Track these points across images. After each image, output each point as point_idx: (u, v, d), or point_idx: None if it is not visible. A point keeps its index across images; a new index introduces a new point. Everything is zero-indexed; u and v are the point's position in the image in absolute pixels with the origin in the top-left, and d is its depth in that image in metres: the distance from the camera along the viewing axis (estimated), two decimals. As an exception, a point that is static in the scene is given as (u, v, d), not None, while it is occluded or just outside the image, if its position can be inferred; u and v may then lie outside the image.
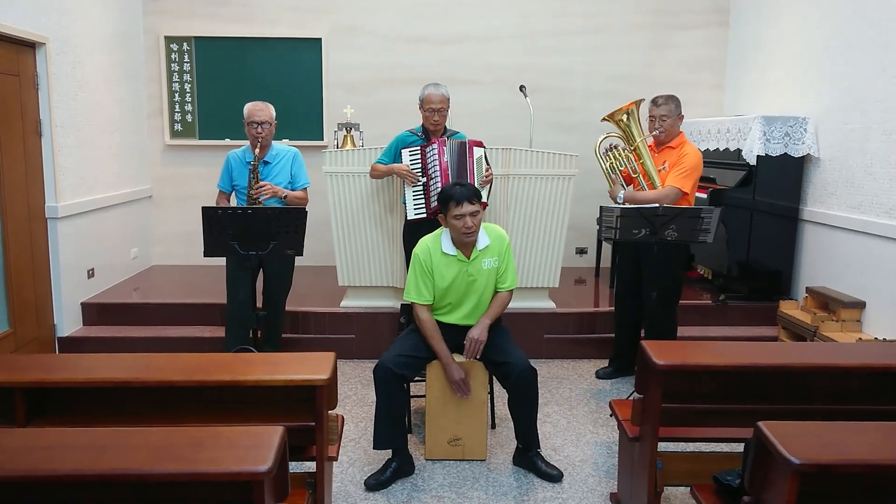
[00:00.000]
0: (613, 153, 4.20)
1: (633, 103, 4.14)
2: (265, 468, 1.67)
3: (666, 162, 4.12)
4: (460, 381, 3.28)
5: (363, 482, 3.19)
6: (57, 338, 4.72)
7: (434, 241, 3.33)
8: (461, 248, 3.29)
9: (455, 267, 3.29)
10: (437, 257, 3.29)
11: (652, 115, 4.14)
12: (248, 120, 4.03)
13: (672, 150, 4.12)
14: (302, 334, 4.87)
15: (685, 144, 4.13)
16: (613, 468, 3.34)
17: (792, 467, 1.73)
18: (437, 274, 3.29)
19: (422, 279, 3.30)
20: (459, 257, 3.29)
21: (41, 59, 4.44)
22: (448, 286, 3.30)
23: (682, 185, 4.01)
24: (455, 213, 3.17)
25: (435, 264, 3.29)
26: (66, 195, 4.71)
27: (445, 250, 3.29)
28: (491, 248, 3.33)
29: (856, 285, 4.51)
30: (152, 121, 6.18)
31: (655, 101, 4.15)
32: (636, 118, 4.12)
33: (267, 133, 4.05)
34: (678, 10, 6.26)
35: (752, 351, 2.59)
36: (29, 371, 2.34)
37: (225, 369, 2.38)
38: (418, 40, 6.20)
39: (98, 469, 1.65)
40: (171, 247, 6.34)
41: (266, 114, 4.05)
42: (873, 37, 4.39)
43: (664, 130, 4.10)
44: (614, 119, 4.16)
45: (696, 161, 4.06)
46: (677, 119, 4.11)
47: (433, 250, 3.30)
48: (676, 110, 4.10)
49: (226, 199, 4.22)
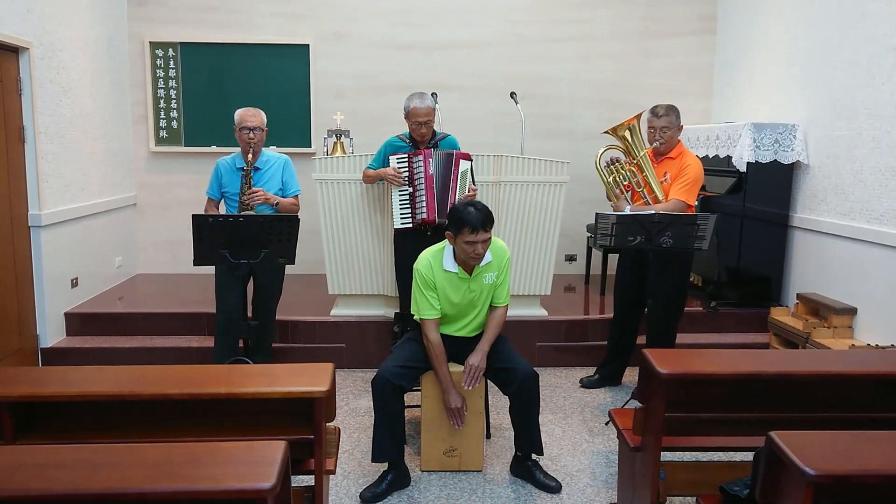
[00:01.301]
0: (616, 167, 4.15)
1: (635, 117, 4.09)
2: (269, 485, 1.61)
3: (667, 173, 4.07)
4: (457, 409, 3.23)
5: (358, 495, 3.13)
6: (40, 349, 4.61)
7: (435, 257, 3.26)
8: (464, 266, 3.24)
9: (457, 284, 3.24)
10: (440, 273, 3.23)
11: (652, 126, 4.07)
12: (240, 125, 3.97)
13: (672, 161, 4.08)
14: (292, 343, 4.80)
15: (685, 154, 4.08)
16: (611, 478, 3.31)
17: (807, 478, 1.70)
18: (439, 290, 3.24)
19: (427, 293, 3.22)
20: (461, 274, 3.24)
21: (24, 65, 4.35)
22: (449, 302, 3.26)
23: (686, 198, 3.96)
24: (468, 238, 3.07)
25: (437, 279, 3.23)
26: (49, 203, 4.61)
27: (447, 267, 3.23)
28: (492, 264, 3.29)
29: (846, 292, 4.52)
30: (137, 127, 6.09)
31: (655, 111, 4.07)
32: (638, 131, 4.09)
33: (258, 139, 3.99)
34: (666, 18, 6.27)
35: (756, 359, 2.57)
36: (16, 385, 2.26)
37: (221, 381, 2.31)
38: (406, 47, 6.17)
39: (94, 488, 1.58)
40: (156, 255, 6.25)
41: (258, 119, 4.00)
42: (860, 44, 4.41)
43: (665, 142, 4.05)
44: (617, 134, 4.12)
45: (698, 172, 4.02)
46: (677, 130, 4.06)
47: (435, 267, 3.23)
48: (677, 121, 4.05)
49: (214, 207, 4.14)
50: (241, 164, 4.01)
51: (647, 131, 4.12)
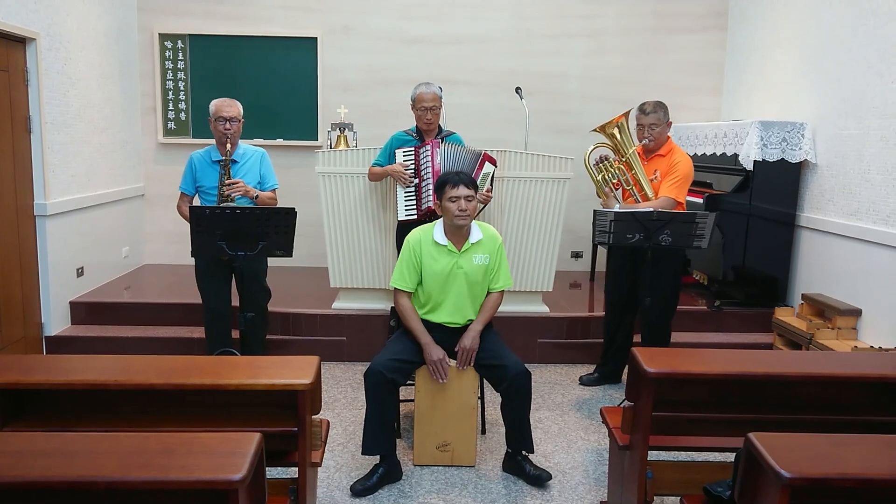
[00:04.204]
0: (605, 165, 4.13)
1: (623, 115, 4.08)
2: (239, 476, 1.62)
3: (657, 171, 4.06)
4: (438, 361, 3.22)
5: (349, 488, 3.14)
6: (44, 337, 4.66)
7: (427, 231, 3.33)
8: (453, 239, 3.27)
9: (445, 258, 3.27)
10: (428, 246, 3.28)
11: (641, 123, 4.05)
12: (216, 116, 3.90)
13: (662, 158, 4.06)
14: (293, 336, 4.82)
15: (675, 151, 4.06)
16: (604, 476, 3.29)
17: (783, 481, 1.68)
18: (425, 263, 3.27)
19: (407, 266, 3.29)
20: (450, 248, 3.27)
21: (31, 55, 4.39)
22: (435, 277, 3.27)
23: (676, 195, 3.96)
24: (450, 195, 3.18)
25: (424, 253, 3.27)
26: (55, 193, 4.65)
27: (437, 240, 3.28)
28: (483, 244, 3.31)
29: (852, 292, 4.47)
30: (146, 118, 6.13)
31: (643, 108, 4.05)
32: (626, 129, 4.07)
33: (235, 129, 3.91)
34: (676, 14, 6.21)
35: (745, 359, 2.54)
36: (6, 372, 2.28)
37: (206, 373, 2.32)
38: (414, 41, 6.16)
39: (66, 476, 1.60)
40: (163, 246, 6.29)
41: (235, 109, 3.93)
42: (870, 43, 4.35)
43: (654, 139, 4.04)
44: (606, 132, 4.11)
45: (688, 169, 4.00)
46: (666, 126, 4.05)
47: (424, 239, 3.29)
48: (665, 118, 4.03)
49: (188, 202, 4.01)
50: (217, 158, 3.94)
51: (636, 128, 4.10)
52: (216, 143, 3.97)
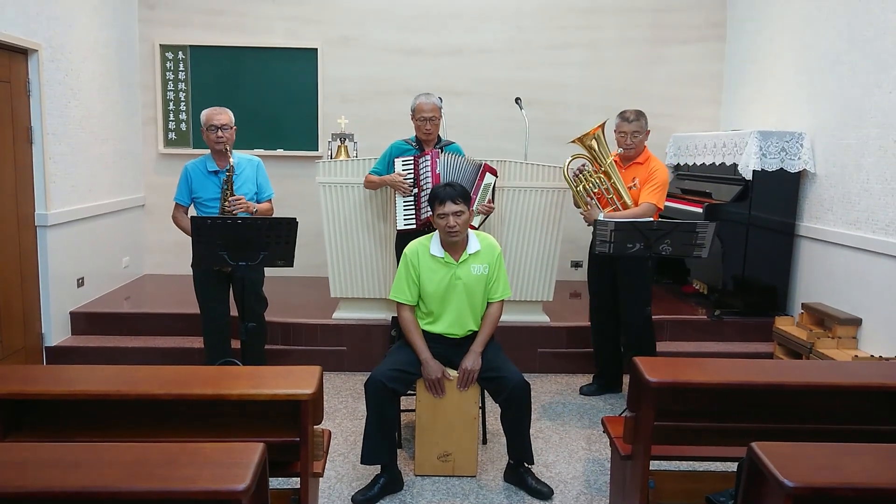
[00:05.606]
0: (584, 175, 4.18)
1: (599, 126, 4.13)
2: (242, 487, 1.61)
3: (636, 178, 4.12)
4: (436, 380, 3.23)
5: (350, 498, 3.13)
6: (45, 347, 4.66)
7: (423, 243, 3.33)
8: (450, 250, 3.28)
9: (442, 270, 3.27)
10: (425, 259, 3.29)
11: (623, 130, 4.11)
12: (207, 125, 3.85)
13: (640, 166, 4.14)
14: (293, 346, 4.81)
15: (652, 159, 4.15)
16: (606, 485, 3.29)
17: (786, 490, 1.68)
18: (423, 276, 3.27)
19: (406, 279, 3.30)
20: (447, 259, 3.27)
21: (33, 67, 4.41)
22: (434, 289, 3.27)
23: (657, 201, 4.04)
24: (438, 211, 3.20)
25: (422, 266, 3.28)
26: (56, 203, 4.66)
27: (434, 252, 3.28)
28: (481, 255, 3.31)
29: (852, 302, 4.47)
30: (146, 129, 6.14)
31: (626, 116, 4.11)
32: (603, 140, 4.13)
33: (228, 138, 3.86)
34: (675, 25, 6.25)
35: (746, 369, 2.54)
36: (7, 382, 2.28)
37: (208, 383, 2.32)
38: (413, 52, 6.19)
39: (69, 486, 1.59)
40: (164, 256, 6.29)
41: (226, 117, 3.87)
42: (868, 53, 4.37)
43: (634, 147, 4.10)
44: (584, 143, 4.15)
45: (666, 176, 4.12)
46: (646, 135, 4.15)
47: (421, 252, 3.30)
48: (646, 126, 4.14)
49: (184, 213, 3.99)
50: (212, 168, 3.90)
51: (617, 136, 4.15)
52: (211, 152, 3.96)
